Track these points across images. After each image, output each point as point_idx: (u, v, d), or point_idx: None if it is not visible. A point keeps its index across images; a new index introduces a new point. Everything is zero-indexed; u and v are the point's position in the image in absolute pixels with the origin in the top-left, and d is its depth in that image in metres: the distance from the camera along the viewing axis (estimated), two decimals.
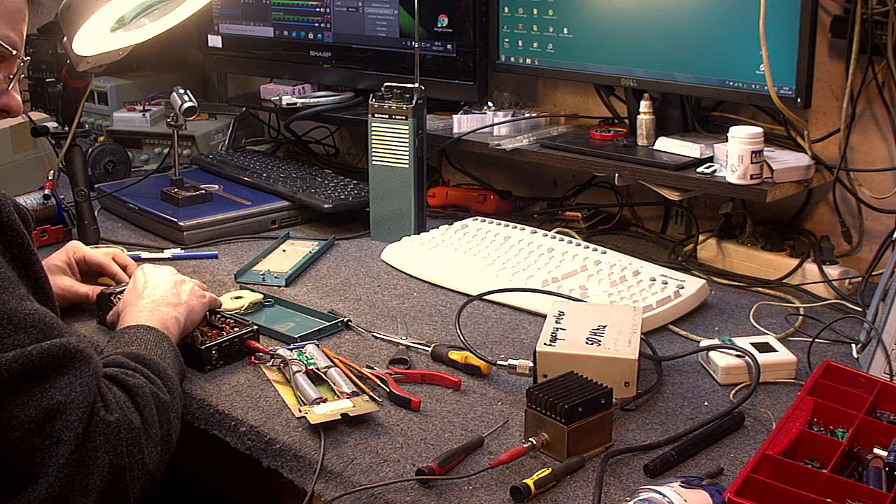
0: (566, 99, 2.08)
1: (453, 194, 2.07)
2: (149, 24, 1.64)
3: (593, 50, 1.84)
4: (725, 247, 1.74)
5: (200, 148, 2.39)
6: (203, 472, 1.44)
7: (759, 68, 1.60)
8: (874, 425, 1.11)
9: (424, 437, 1.16)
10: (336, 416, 1.16)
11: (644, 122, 1.79)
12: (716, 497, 0.98)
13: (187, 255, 1.77)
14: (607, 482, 1.07)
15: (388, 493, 1.06)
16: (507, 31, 1.95)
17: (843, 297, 1.56)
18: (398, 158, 1.79)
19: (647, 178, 1.72)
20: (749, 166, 1.58)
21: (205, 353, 1.31)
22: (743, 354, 1.31)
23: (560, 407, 1.08)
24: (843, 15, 1.60)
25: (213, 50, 2.44)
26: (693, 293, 1.53)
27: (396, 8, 2.08)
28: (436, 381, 1.29)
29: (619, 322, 1.31)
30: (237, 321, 1.39)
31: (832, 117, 1.68)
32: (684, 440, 1.14)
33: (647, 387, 1.28)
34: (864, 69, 1.58)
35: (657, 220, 1.98)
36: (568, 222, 1.96)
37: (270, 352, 1.33)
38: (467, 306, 1.48)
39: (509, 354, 1.33)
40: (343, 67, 2.20)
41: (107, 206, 2.03)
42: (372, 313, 1.52)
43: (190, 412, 1.27)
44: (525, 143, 1.89)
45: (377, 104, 1.79)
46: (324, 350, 1.33)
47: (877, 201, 1.64)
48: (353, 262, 1.74)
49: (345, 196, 1.94)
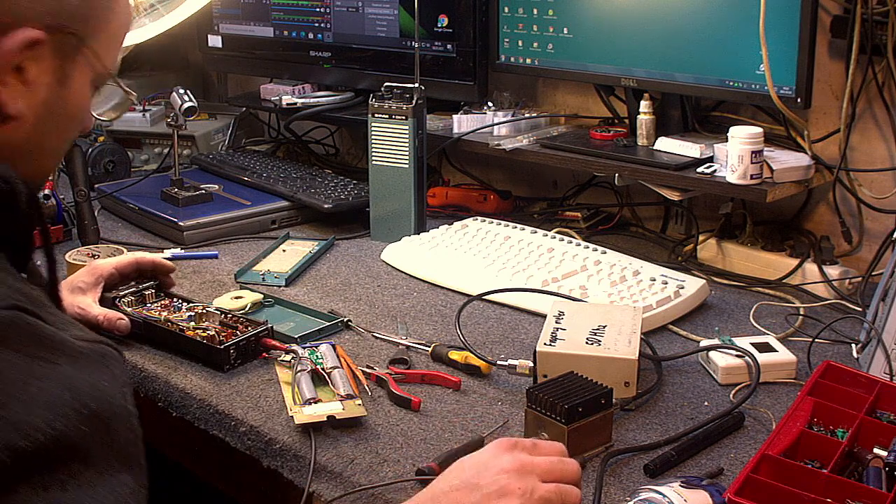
0: (566, 99, 2.08)
1: (453, 194, 2.07)
2: (149, 23, 1.64)
3: (593, 50, 1.84)
4: (725, 247, 1.74)
5: (200, 148, 2.39)
6: (203, 472, 1.44)
7: (759, 68, 1.60)
8: (874, 425, 1.11)
9: (424, 437, 1.16)
10: (322, 418, 1.16)
11: (644, 122, 1.79)
12: (716, 497, 0.98)
13: (187, 255, 1.77)
14: (607, 482, 1.07)
15: (388, 493, 1.06)
16: (507, 31, 1.95)
17: (843, 297, 1.56)
18: (398, 158, 1.79)
19: (647, 178, 1.72)
20: (749, 166, 1.58)
21: (223, 353, 1.31)
22: (743, 354, 1.31)
23: (560, 407, 1.08)
24: (843, 15, 1.60)
25: (213, 50, 2.44)
26: (693, 293, 1.53)
27: (396, 8, 2.08)
28: (436, 381, 1.29)
29: (619, 322, 1.31)
30: (249, 320, 1.39)
31: (832, 117, 1.68)
32: (684, 440, 1.14)
33: (647, 387, 1.28)
34: (864, 69, 1.58)
35: (657, 220, 1.98)
36: (568, 222, 1.96)
37: (287, 348, 1.33)
38: (467, 306, 1.48)
39: (509, 354, 1.33)
40: (343, 67, 2.20)
41: (107, 206, 2.03)
42: (372, 313, 1.52)
43: (190, 412, 1.27)
44: (525, 143, 1.89)
45: (377, 104, 1.79)
46: (338, 351, 1.33)
47: (877, 201, 1.64)
48: (353, 262, 1.74)
49: (345, 196, 1.94)
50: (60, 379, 0.74)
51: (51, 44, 0.88)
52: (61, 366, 0.75)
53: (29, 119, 0.89)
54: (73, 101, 0.93)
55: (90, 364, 0.78)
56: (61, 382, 0.74)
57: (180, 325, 1.39)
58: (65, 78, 0.91)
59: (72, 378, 0.75)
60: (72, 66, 0.91)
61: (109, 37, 0.95)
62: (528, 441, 0.98)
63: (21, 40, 0.86)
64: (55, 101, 0.91)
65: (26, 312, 0.76)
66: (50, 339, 0.76)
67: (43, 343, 0.75)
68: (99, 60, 0.94)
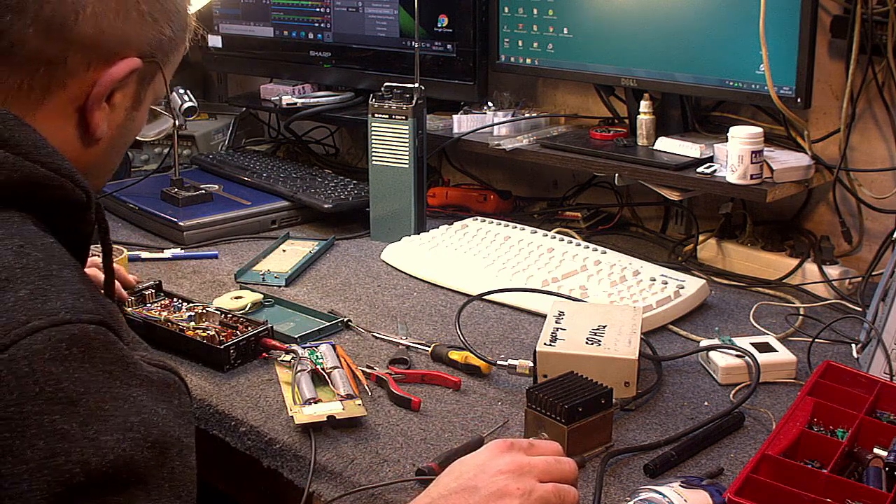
0: (566, 99, 2.08)
1: (453, 194, 2.07)
2: None
3: (593, 50, 1.84)
4: (725, 247, 1.74)
5: (200, 148, 2.39)
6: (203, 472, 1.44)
7: (759, 68, 1.60)
8: (874, 425, 1.11)
9: (424, 437, 1.16)
10: (322, 418, 1.16)
11: (644, 122, 1.79)
12: (716, 497, 0.98)
13: (187, 255, 1.77)
14: (607, 482, 1.07)
15: (388, 493, 1.06)
16: (507, 31, 1.95)
17: (843, 297, 1.56)
18: (398, 158, 1.79)
19: (647, 178, 1.72)
20: (749, 166, 1.58)
21: (223, 353, 1.31)
22: (743, 354, 1.31)
23: (560, 407, 1.08)
24: (843, 15, 1.60)
25: (213, 50, 2.44)
26: (693, 293, 1.53)
27: (396, 8, 2.08)
28: (436, 381, 1.29)
29: (619, 322, 1.31)
30: (249, 320, 1.39)
31: (832, 117, 1.68)
32: (684, 440, 1.14)
33: (647, 387, 1.28)
34: (864, 69, 1.58)
35: (657, 220, 1.98)
36: (568, 222, 1.96)
37: (287, 348, 1.33)
38: (467, 306, 1.48)
39: (509, 354, 1.33)
40: (343, 67, 2.20)
41: (107, 206, 2.03)
42: (372, 313, 1.52)
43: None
44: (525, 143, 1.89)
45: (377, 104, 1.79)
46: (338, 351, 1.33)
47: (877, 201, 1.64)
48: (353, 262, 1.74)
49: (345, 196, 1.94)
50: (133, 402, 0.75)
51: (139, 72, 0.91)
52: (134, 389, 0.76)
53: (106, 141, 0.92)
54: (139, 124, 0.97)
55: (157, 391, 0.79)
56: (133, 406, 0.75)
57: (180, 325, 1.39)
58: (139, 103, 0.94)
59: (142, 403, 0.76)
60: (146, 92, 0.94)
61: (175, 63, 0.98)
62: (524, 441, 0.98)
63: (125, 70, 0.88)
64: (128, 124, 0.94)
65: (110, 329, 0.76)
66: (126, 360, 0.77)
67: (121, 363, 0.76)
68: (165, 85, 0.97)
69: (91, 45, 0.86)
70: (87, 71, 0.87)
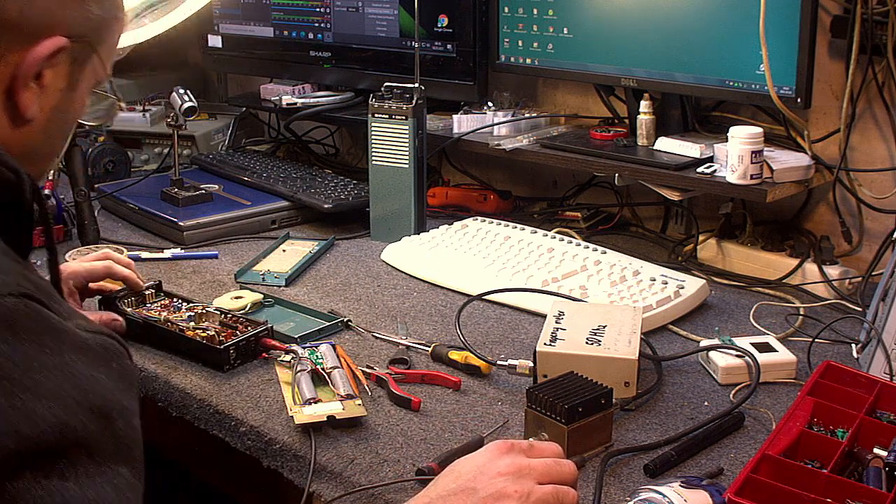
0: (566, 99, 2.08)
1: (453, 194, 2.07)
2: (149, 23, 1.64)
3: (593, 50, 1.84)
4: (725, 247, 1.74)
5: (200, 148, 2.39)
6: (203, 472, 1.44)
7: (759, 68, 1.60)
8: (874, 425, 1.11)
9: (424, 437, 1.16)
10: (322, 418, 1.16)
11: (644, 122, 1.79)
12: (716, 497, 0.98)
13: (187, 255, 1.77)
14: (607, 482, 1.07)
15: (388, 493, 1.06)
16: (507, 31, 1.95)
17: (843, 297, 1.56)
18: (398, 158, 1.79)
19: (647, 178, 1.72)
20: (749, 166, 1.58)
21: (223, 353, 1.31)
22: (743, 354, 1.31)
23: (560, 407, 1.08)
24: (843, 15, 1.60)
25: (213, 50, 2.44)
26: (693, 293, 1.53)
27: (396, 8, 2.08)
28: (436, 381, 1.29)
29: (619, 322, 1.31)
30: (249, 320, 1.39)
31: (832, 117, 1.68)
32: (684, 440, 1.14)
33: (647, 387, 1.28)
34: (864, 69, 1.58)
35: (657, 220, 1.98)
36: (568, 222, 1.96)
37: (287, 348, 1.33)
38: (467, 306, 1.48)
39: (509, 354, 1.33)
40: (343, 67, 2.20)
41: (107, 206, 2.03)
42: (372, 313, 1.52)
43: (190, 412, 1.27)
44: (525, 143, 1.89)
45: (377, 104, 1.79)
46: (338, 351, 1.33)
47: (877, 201, 1.64)
48: (353, 262, 1.74)
49: (345, 196, 1.94)
50: (66, 370, 0.75)
51: (69, 51, 0.90)
52: (67, 356, 0.76)
53: (40, 122, 0.91)
54: (78, 107, 0.96)
55: (95, 357, 0.78)
56: (67, 373, 0.75)
57: (180, 325, 1.39)
58: (74, 84, 0.93)
59: (77, 370, 0.76)
60: (81, 73, 0.94)
61: (112, 44, 0.98)
62: (524, 442, 0.98)
63: (50, 48, 0.88)
64: (64, 106, 0.93)
65: (34, 301, 0.76)
66: (57, 328, 0.76)
67: (50, 332, 0.76)
68: (103, 67, 0.96)
69: (14, 26, 0.86)
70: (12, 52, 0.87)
